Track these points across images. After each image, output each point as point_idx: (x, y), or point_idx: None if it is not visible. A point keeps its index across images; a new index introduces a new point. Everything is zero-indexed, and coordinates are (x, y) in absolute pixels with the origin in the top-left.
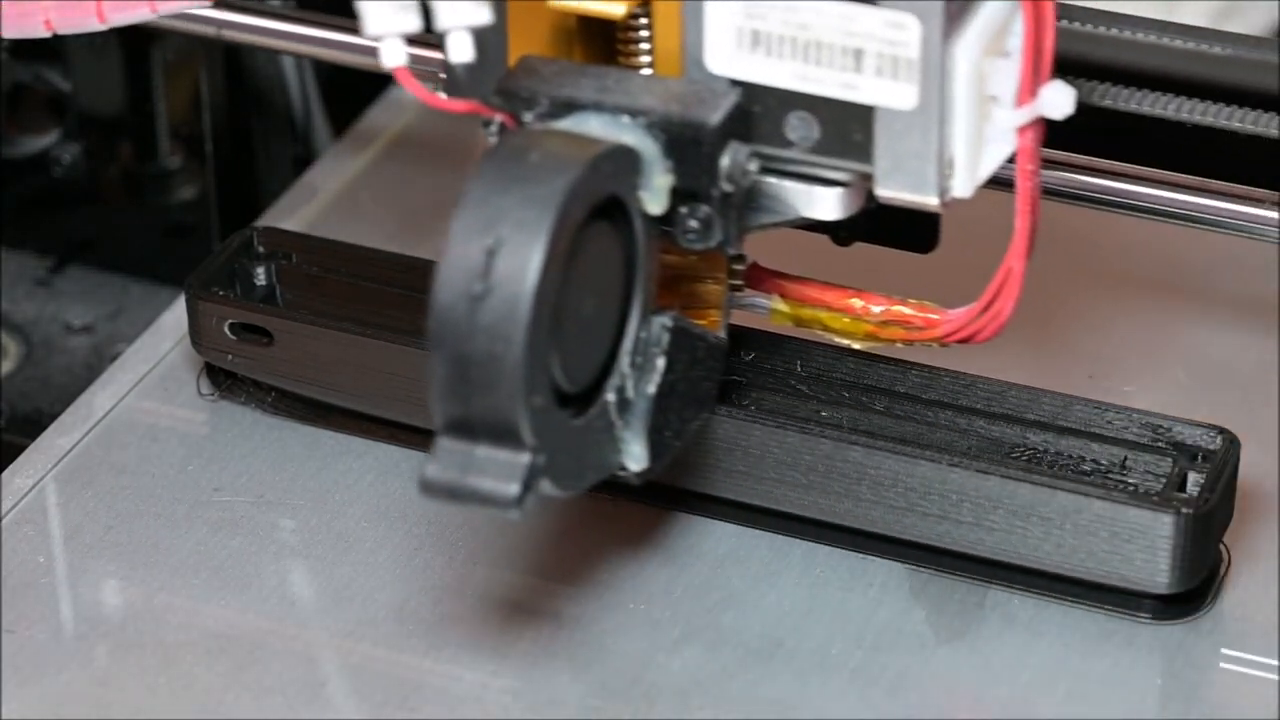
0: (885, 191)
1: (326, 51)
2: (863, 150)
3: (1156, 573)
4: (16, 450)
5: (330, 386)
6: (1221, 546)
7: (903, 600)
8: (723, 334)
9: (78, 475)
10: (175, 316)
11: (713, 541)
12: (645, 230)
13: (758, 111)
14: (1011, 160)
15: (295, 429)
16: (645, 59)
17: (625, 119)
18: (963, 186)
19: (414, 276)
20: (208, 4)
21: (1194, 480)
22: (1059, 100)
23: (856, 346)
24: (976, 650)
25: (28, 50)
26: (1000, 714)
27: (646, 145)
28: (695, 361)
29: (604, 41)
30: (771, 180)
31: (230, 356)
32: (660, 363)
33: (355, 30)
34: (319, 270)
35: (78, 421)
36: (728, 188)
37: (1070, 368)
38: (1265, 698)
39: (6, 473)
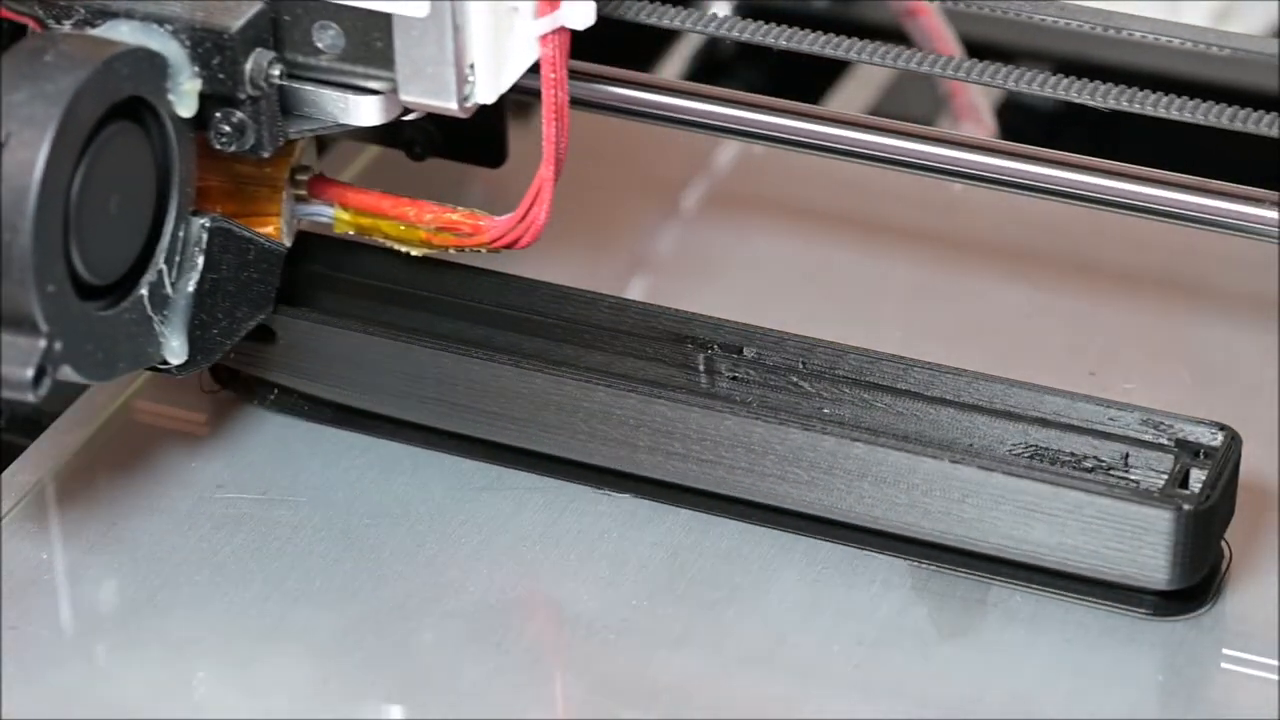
0: (408, 97)
1: None
2: (385, 58)
3: (1158, 569)
4: (16, 450)
5: (333, 383)
6: (1223, 543)
7: (905, 596)
8: (285, 240)
9: (80, 472)
10: None
11: (715, 538)
12: (178, 133)
13: (287, 21)
14: (536, 69)
15: (297, 425)
16: None
17: (155, 27)
18: (485, 93)
19: (416, 273)
20: None
21: (1196, 477)
22: (580, 12)
23: (415, 253)
24: (978, 646)
25: None
26: (1002, 711)
27: (173, 50)
28: (245, 264)
29: None
30: (309, 88)
31: (233, 353)
32: (200, 261)
33: None
34: (321, 268)
35: (80, 419)
36: (254, 92)
37: (1072, 365)
38: (1265, 698)
39: (8, 471)
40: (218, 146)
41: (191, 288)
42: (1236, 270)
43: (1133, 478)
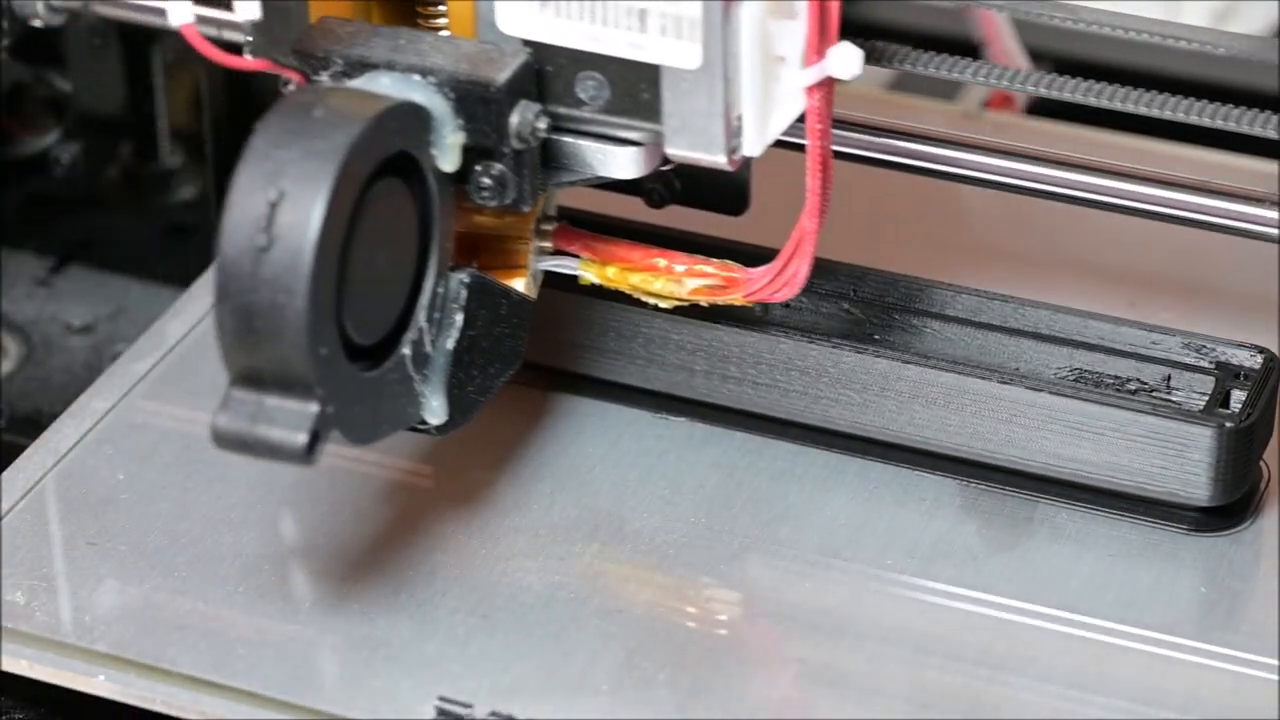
0: (674, 150)
1: None
2: (652, 109)
3: (1200, 486)
4: (16, 450)
5: None
6: (1262, 464)
7: (954, 514)
8: (531, 293)
9: (157, 394)
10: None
11: (769, 459)
12: (439, 188)
13: (549, 71)
14: (801, 120)
15: None
16: (442, 21)
17: (416, 78)
18: (752, 145)
19: None
20: None
21: (1236, 398)
22: (847, 61)
23: (664, 307)
24: (1026, 561)
25: (28, 50)
26: (1048, 622)
27: (437, 103)
28: (499, 318)
29: (402, 5)
30: (567, 139)
31: None
32: (459, 318)
33: None
34: None
35: (153, 345)
36: (518, 145)
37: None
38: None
39: (7, 473)
40: (478, 201)
41: (451, 345)
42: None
43: (1174, 399)
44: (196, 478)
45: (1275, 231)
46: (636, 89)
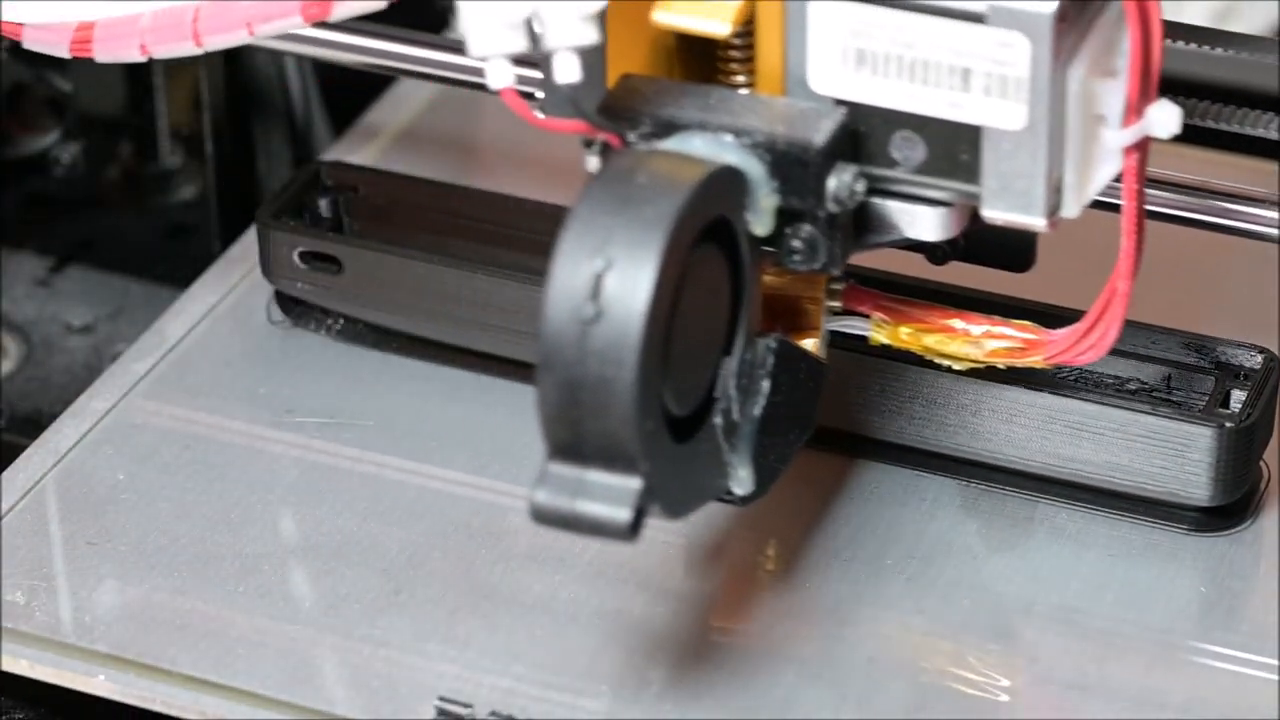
0: (992, 212)
1: (326, 51)
2: (969, 170)
3: (1200, 485)
4: (16, 450)
5: (398, 313)
6: (1262, 464)
7: (955, 514)
8: (823, 355)
9: (156, 395)
10: (243, 249)
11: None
12: (750, 252)
13: (862, 131)
14: (1118, 180)
15: (363, 354)
16: (744, 78)
17: (729, 139)
18: (1071, 207)
19: (478, 205)
20: (303, 23)
21: (1236, 398)
22: (1166, 119)
23: (958, 368)
24: (1026, 560)
25: (28, 50)
26: (1048, 622)
27: (751, 166)
28: (798, 383)
29: (702, 60)
30: (875, 200)
31: (300, 284)
32: (765, 385)
33: (355, 30)
34: (385, 202)
35: (153, 346)
36: (834, 209)
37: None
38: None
39: (7, 473)
40: (789, 265)
41: (758, 412)
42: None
43: (1174, 399)
44: (196, 478)
45: (1275, 231)
46: (954, 149)
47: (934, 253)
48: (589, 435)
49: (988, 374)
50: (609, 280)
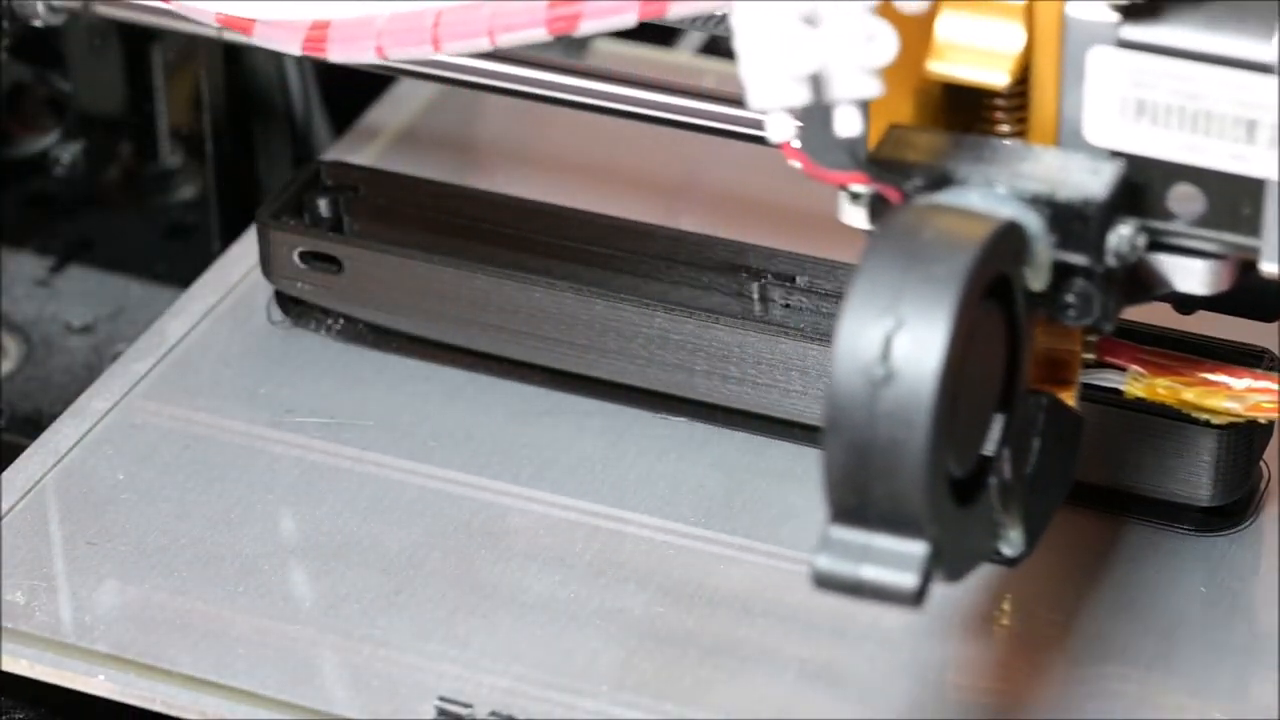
0: (1271, 267)
1: None
2: (1250, 224)
3: (1200, 486)
4: (16, 450)
5: (399, 313)
6: (1262, 464)
7: None
8: (1078, 409)
9: (156, 395)
10: (244, 249)
11: (770, 460)
12: (1026, 308)
13: (1140, 183)
14: None
15: (363, 354)
16: (1009, 127)
17: (1005, 192)
18: None
19: (478, 206)
20: (547, 35)
21: None
22: None
23: (1216, 422)
24: (1027, 560)
25: (28, 50)
26: (1050, 622)
27: (1030, 220)
28: (1061, 438)
29: (965, 108)
30: (1147, 254)
31: (300, 284)
32: (1036, 443)
33: None
34: (385, 202)
35: (153, 346)
36: (1113, 264)
37: None
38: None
39: (7, 473)
40: (1063, 320)
41: (1029, 471)
42: None
43: None
44: (197, 478)
45: None
46: (1235, 202)
47: (1183, 302)
48: (875, 499)
49: None
50: (900, 340)
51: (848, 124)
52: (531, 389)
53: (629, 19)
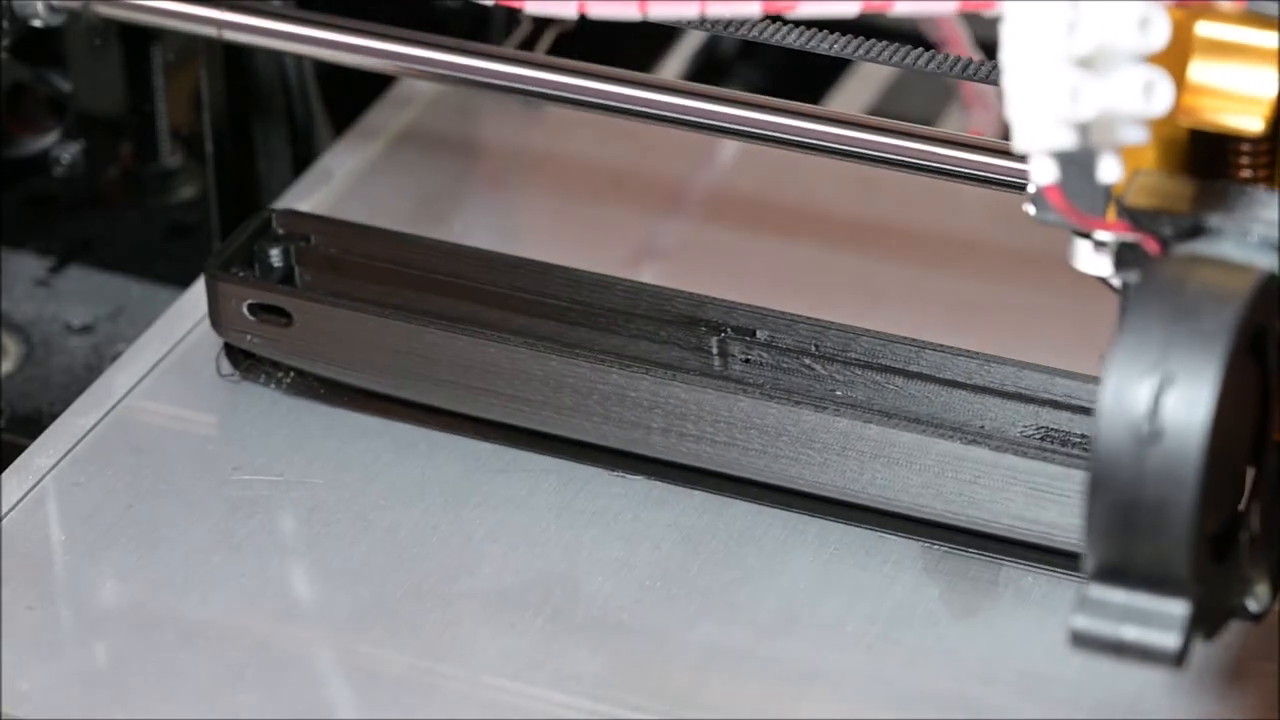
0: None
1: (326, 51)
2: None
3: None
4: (16, 450)
5: (350, 366)
6: None
7: (917, 577)
8: None
9: (99, 454)
10: (194, 298)
11: (728, 519)
12: (1278, 358)
13: None
14: None
15: (314, 408)
16: (1253, 173)
17: (1257, 241)
18: None
19: (431, 257)
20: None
21: None
22: None
23: None
24: (990, 626)
25: (28, 50)
26: (1013, 690)
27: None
28: None
29: (1209, 154)
30: None
31: (249, 337)
32: None
33: (355, 30)
34: (337, 251)
35: (99, 400)
36: None
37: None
38: (1265, 698)
39: (7, 473)
40: None
41: (1274, 524)
42: None
43: None
44: (139, 539)
45: None
46: None
47: None
48: (1139, 558)
49: (951, 433)
50: (1168, 397)
51: (1110, 170)
52: (486, 445)
53: (851, 8)
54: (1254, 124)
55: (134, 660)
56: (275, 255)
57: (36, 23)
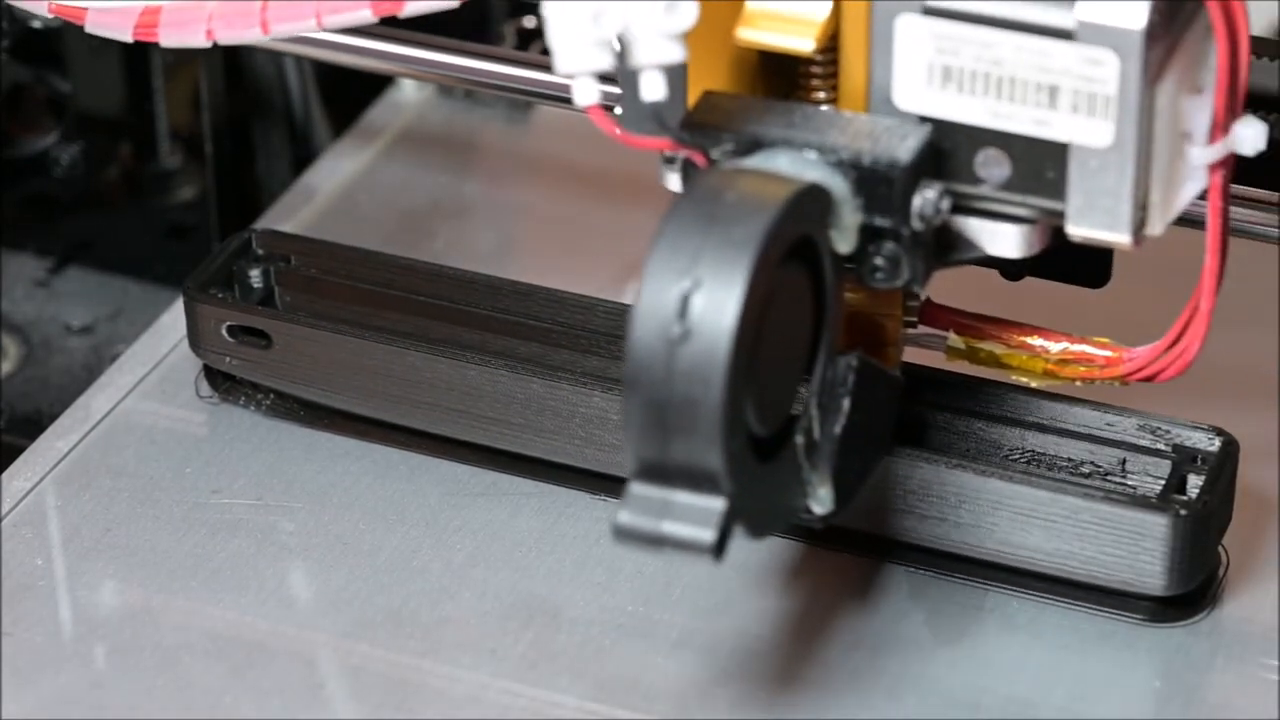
0: (1077, 230)
1: (326, 52)
2: (1054, 188)
3: (1154, 574)
4: (16, 451)
5: (330, 389)
6: (1220, 549)
7: (901, 603)
8: (898, 372)
9: (77, 477)
10: (174, 318)
11: None
12: (833, 270)
13: (947, 148)
14: (1202, 197)
15: (294, 431)
16: (825, 94)
17: (813, 156)
18: (1156, 224)
19: (412, 278)
20: (372, 17)
21: (1193, 483)
22: (1251, 136)
23: (1033, 385)
24: (976, 652)
25: (28, 50)
26: (999, 716)
27: (836, 183)
28: (876, 401)
29: (782, 76)
30: (957, 217)
31: (229, 359)
32: (846, 403)
33: (355, 30)
34: (317, 272)
35: (76, 423)
36: (918, 226)
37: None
38: (1265, 698)
39: (6, 474)
40: (870, 283)
41: (838, 431)
42: (1237, 272)
43: (1130, 483)
44: (116, 564)
45: (1276, 231)
46: (1040, 167)
47: (1009, 268)
48: (674, 456)
49: (935, 457)
50: (697, 300)
51: (652, 89)
52: (467, 469)
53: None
54: (806, 45)
55: (111, 684)
56: (255, 276)
57: (36, 23)
